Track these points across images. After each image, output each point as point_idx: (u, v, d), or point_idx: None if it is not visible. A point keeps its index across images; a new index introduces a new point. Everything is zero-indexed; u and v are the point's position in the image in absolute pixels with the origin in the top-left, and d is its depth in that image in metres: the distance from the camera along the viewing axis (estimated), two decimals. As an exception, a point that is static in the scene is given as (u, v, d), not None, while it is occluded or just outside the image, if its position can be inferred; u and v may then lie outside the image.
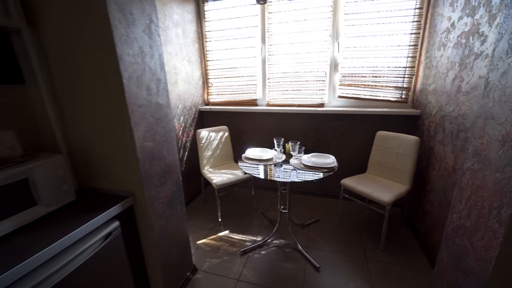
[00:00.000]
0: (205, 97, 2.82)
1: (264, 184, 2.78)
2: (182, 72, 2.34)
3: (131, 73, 1.03)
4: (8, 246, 0.82)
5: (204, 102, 2.81)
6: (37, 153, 1.05)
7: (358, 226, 2.11)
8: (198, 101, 2.69)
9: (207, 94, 2.82)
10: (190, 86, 2.50)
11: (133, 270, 1.21)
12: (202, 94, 2.75)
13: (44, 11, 0.99)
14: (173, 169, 1.36)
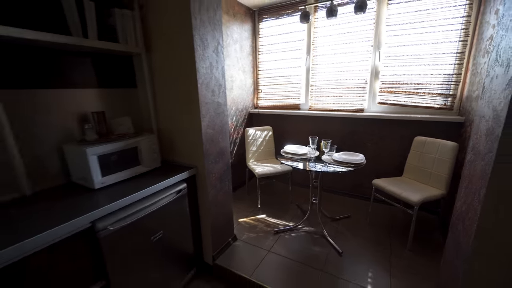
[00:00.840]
0: (255, 101, 3.25)
1: (300, 181, 3.03)
2: (237, 80, 2.83)
3: (203, 80, 1.49)
4: (125, 186, 1.34)
5: (254, 105, 3.25)
6: (142, 132, 1.60)
7: (388, 227, 2.18)
8: (249, 104, 3.14)
9: (257, 99, 3.26)
10: (243, 91, 2.97)
11: (192, 222, 1.66)
12: (252, 98, 3.20)
13: (156, 43, 1.54)
14: (225, 153, 1.78)
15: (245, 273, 1.65)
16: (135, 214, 1.24)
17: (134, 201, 1.25)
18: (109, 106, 1.58)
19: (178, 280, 1.60)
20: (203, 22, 1.43)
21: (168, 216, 1.46)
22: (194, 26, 1.37)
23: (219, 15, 1.57)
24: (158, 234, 1.40)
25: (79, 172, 1.31)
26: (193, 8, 1.35)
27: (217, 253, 1.81)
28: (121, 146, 1.36)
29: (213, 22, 1.52)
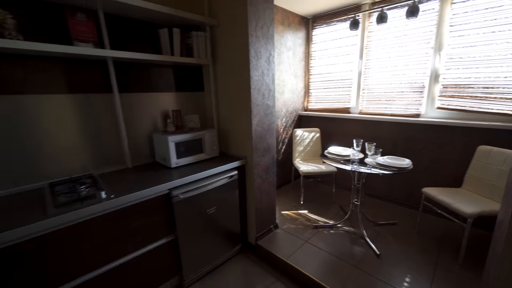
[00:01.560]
0: (305, 104, 3.41)
1: (344, 183, 3.04)
2: (289, 84, 3.06)
3: (255, 86, 1.79)
4: (192, 167, 1.73)
5: (304, 108, 3.41)
6: (206, 127, 2.00)
7: (437, 238, 2.05)
8: (299, 107, 3.32)
9: (307, 102, 3.41)
10: (294, 95, 3.17)
11: (240, 205, 1.97)
12: (302, 101, 3.37)
13: (220, 56, 1.92)
14: (271, 148, 2.04)
15: (282, 256, 1.86)
16: (197, 189, 1.62)
17: (197, 179, 1.62)
18: (183, 105, 2.04)
19: (226, 249, 1.93)
20: (257, 38, 1.73)
21: (221, 195, 1.80)
22: (250, 42, 1.68)
23: (272, 30, 1.83)
24: (212, 209, 1.75)
25: (161, 154, 1.77)
26: (250, 29, 1.65)
27: (259, 235, 2.07)
28: (191, 137, 1.77)
29: (266, 37, 1.79)
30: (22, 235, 1.01)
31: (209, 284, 1.73)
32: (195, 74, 2.09)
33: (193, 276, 1.72)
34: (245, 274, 1.83)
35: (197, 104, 2.14)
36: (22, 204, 1.22)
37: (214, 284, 1.73)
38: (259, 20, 1.71)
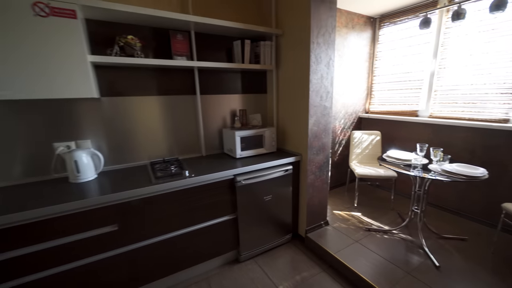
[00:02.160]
0: (366, 106, 3.32)
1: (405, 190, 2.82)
2: (350, 85, 3.05)
3: (314, 88, 1.93)
4: (253, 159, 2.00)
5: (365, 110, 3.32)
6: (266, 125, 2.25)
7: (524, 265, 1.77)
8: (359, 109, 3.26)
9: (369, 104, 3.31)
10: (354, 96, 3.14)
11: (293, 198, 2.15)
12: (364, 103, 3.29)
13: (282, 62, 2.14)
14: (326, 147, 2.14)
15: (330, 250, 1.96)
16: (256, 178, 1.87)
17: (257, 169, 1.88)
18: (248, 105, 2.34)
19: (277, 236, 2.14)
20: (318, 44, 1.87)
21: (276, 186, 2.01)
22: (311, 48, 1.83)
23: (333, 36, 1.94)
24: (268, 197, 1.98)
25: (229, 146, 2.10)
26: (312, 37, 1.81)
27: (309, 229, 2.20)
28: (253, 133, 2.05)
29: (327, 42, 1.92)
30: (136, 195, 1.44)
31: (260, 263, 1.98)
32: (260, 78, 2.37)
33: (248, 253, 2.00)
34: (293, 261, 2.00)
35: (260, 105, 2.42)
36: (134, 175, 1.71)
37: (265, 263, 1.96)
38: (321, 28, 1.85)
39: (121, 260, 1.49)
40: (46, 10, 1.22)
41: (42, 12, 1.21)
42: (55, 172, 1.65)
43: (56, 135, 1.64)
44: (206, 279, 1.82)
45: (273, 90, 2.27)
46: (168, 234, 1.62)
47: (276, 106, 2.31)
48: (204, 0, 1.95)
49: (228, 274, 1.86)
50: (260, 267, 1.93)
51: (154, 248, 1.58)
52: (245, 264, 1.97)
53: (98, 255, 1.42)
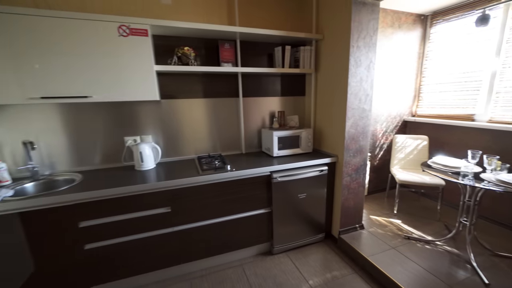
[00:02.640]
0: (413, 109, 3.13)
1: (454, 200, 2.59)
2: (393, 87, 2.92)
3: (352, 91, 1.95)
4: (289, 158, 2.11)
5: (411, 113, 3.14)
6: (303, 127, 2.34)
7: None
8: (405, 111, 3.09)
9: (416, 106, 3.11)
10: (399, 99, 3.00)
11: (327, 198, 2.19)
12: (410, 106, 3.11)
13: (321, 65, 2.20)
14: (363, 151, 2.13)
15: (364, 253, 1.95)
16: (291, 176, 1.98)
17: (293, 168, 1.99)
18: (287, 107, 2.46)
19: (310, 234, 2.21)
20: (359, 48, 1.89)
21: (311, 185, 2.09)
22: (351, 52, 1.87)
23: (375, 38, 1.94)
24: (302, 195, 2.07)
25: (266, 145, 2.25)
26: (352, 40, 1.84)
27: (343, 230, 2.22)
28: (290, 133, 2.16)
29: (368, 45, 1.92)
30: (186, 183, 1.69)
31: (292, 257, 2.07)
32: (299, 81, 2.46)
33: (280, 246, 2.11)
34: (325, 259, 2.05)
35: (298, 106, 2.51)
36: (184, 167, 1.97)
37: (296, 258, 2.06)
38: (361, 32, 1.87)
39: (173, 237, 1.75)
40: (127, 31, 1.54)
41: (124, 32, 1.54)
42: (124, 161, 2.01)
43: (126, 130, 2.00)
44: (241, 265, 2.00)
45: (312, 92, 2.34)
46: (210, 220, 1.84)
47: (314, 108, 2.38)
48: (249, 11, 2.14)
49: (261, 264, 2.01)
50: (291, 261, 2.03)
51: (199, 231, 1.82)
52: (277, 256, 2.09)
53: (155, 231, 1.70)
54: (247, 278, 1.86)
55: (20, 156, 1.76)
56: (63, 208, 1.46)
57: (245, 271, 1.93)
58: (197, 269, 1.95)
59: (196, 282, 1.83)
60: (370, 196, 3.03)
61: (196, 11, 1.99)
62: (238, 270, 1.94)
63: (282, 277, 1.86)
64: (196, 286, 1.79)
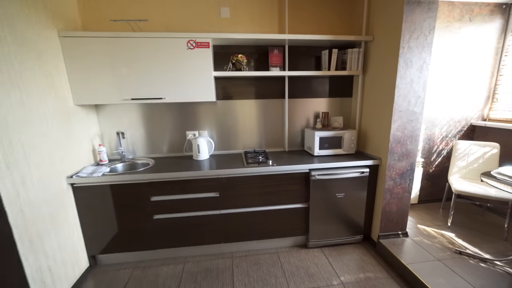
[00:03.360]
0: (484, 112, 2.75)
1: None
2: (457, 88, 2.63)
3: (401, 93, 1.90)
4: (329, 157, 2.18)
5: (482, 117, 2.76)
6: (347, 128, 2.36)
7: None
8: (473, 115, 2.75)
9: (489, 109, 2.73)
10: (466, 100, 2.68)
11: (367, 200, 2.18)
12: (481, 108, 2.75)
13: (369, 67, 2.18)
14: (411, 155, 2.04)
15: (403, 260, 1.90)
16: (330, 175, 2.06)
17: (332, 167, 2.06)
18: (331, 108, 2.51)
19: (347, 234, 2.24)
20: (410, 48, 1.82)
21: (350, 186, 2.12)
22: (401, 53, 1.82)
23: (430, 38, 1.83)
24: (341, 194, 2.12)
25: (308, 144, 2.36)
26: (402, 41, 1.80)
27: (383, 235, 2.17)
28: (333, 134, 2.22)
29: (421, 45, 1.83)
30: (233, 173, 1.95)
31: (326, 253, 2.16)
32: (346, 82, 2.47)
33: (316, 241, 2.22)
34: (360, 260, 2.07)
35: (344, 108, 2.53)
36: (232, 159, 2.25)
37: (331, 255, 2.13)
38: (414, 32, 1.80)
39: (219, 219, 2.06)
40: (194, 44, 1.88)
41: (191, 46, 1.88)
42: (185, 151, 2.42)
43: (187, 126, 2.39)
44: (276, 253, 2.19)
45: (358, 94, 2.33)
46: (252, 208, 2.07)
47: (360, 110, 2.37)
48: (298, 17, 2.26)
49: (296, 254, 2.16)
50: (325, 257, 2.12)
51: (241, 216, 2.07)
52: (312, 250, 2.21)
53: (206, 211, 2.03)
54: (281, 264, 2.04)
55: (113, 143, 2.31)
56: (140, 184, 1.89)
57: (280, 258, 2.12)
58: (237, 250, 2.22)
59: (236, 261, 2.10)
60: (422, 205, 2.82)
61: (251, 22, 2.22)
62: (273, 257, 2.14)
63: (314, 269, 1.98)
64: (236, 263, 2.06)
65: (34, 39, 1.56)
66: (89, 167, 1.99)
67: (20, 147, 1.40)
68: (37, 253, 1.48)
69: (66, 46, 1.79)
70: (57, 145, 1.71)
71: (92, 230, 1.94)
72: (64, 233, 1.74)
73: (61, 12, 1.81)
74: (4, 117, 1.32)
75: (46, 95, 1.63)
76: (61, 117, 1.77)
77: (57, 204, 1.68)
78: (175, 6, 2.12)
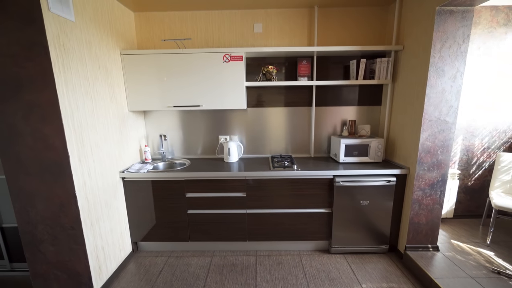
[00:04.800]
0: (536, 123, 2.51)
1: None
2: (501, 95, 2.46)
3: (431, 102, 1.88)
4: (354, 165, 2.20)
5: (532, 128, 2.53)
6: (374, 136, 2.36)
7: None
8: (521, 126, 2.53)
9: (541, 120, 2.49)
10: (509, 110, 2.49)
11: (393, 209, 2.15)
12: (532, 119, 2.52)
13: (399, 76, 2.18)
14: (443, 165, 1.98)
15: (431, 274, 1.84)
16: (355, 182, 2.09)
17: (356, 174, 2.09)
18: (359, 116, 2.53)
19: (372, 243, 2.22)
20: (441, 57, 1.80)
21: (376, 194, 2.12)
22: (431, 62, 1.81)
23: (464, 47, 1.79)
24: (365, 202, 2.13)
25: (334, 151, 2.41)
26: (433, 51, 1.79)
27: (411, 247, 2.11)
28: (359, 142, 2.25)
29: (454, 54, 1.80)
30: (259, 175, 2.10)
31: (349, 260, 2.17)
32: (375, 91, 2.48)
33: (338, 247, 2.24)
34: (384, 270, 2.04)
35: (371, 116, 2.53)
36: (259, 163, 2.40)
37: (353, 262, 2.14)
38: (446, 41, 1.78)
39: (245, 218, 2.21)
40: (229, 58, 2.09)
41: (226, 59, 2.10)
42: (217, 154, 2.64)
43: (219, 130, 2.61)
44: (298, 255, 2.26)
45: (387, 102, 2.33)
46: (276, 209, 2.19)
47: (388, 118, 2.35)
48: (327, 29, 2.36)
49: (318, 258, 2.21)
50: (348, 263, 2.13)
51: (266, 217, 2.20)
52: (334, 256, 2.24)
53: (234, 209, 2.20)
54: (302, 266, 2.11)
55: (156, 144, 2.63)
56: (178, 181, 2.14)
57: (301, 260, 2.19)
58: (261, 248, 2.35)
59: (260, 259, 2.23)
60: (458, 220, 2.65)
61: (281, 36, 2.38)
62: (295, 258, 2.22)
63: (335, 273, 2.01)
64: (260, 261, 2.19)
65: (104, 58, 1.91)
66: (136, 164, 2.30)
67: (89, 146, 1.73)
68: (95, 234, 1.79)
69: (125, 63, 2.14)
70: (114, 144, 2.03)
71: (136, 219, 2.24)
72: (115, 220, 2.04)
73: (123, 34, 2.17)
74: (80, 121, 1.65)
75: (109, 103, 1.97)
76: (118, 121, 2.10)
77: (111, 194, 1.99)
78: (215, 25, 2.38)
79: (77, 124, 1.62)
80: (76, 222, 1.64)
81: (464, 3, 1.67)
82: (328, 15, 2.34)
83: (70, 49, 1.58)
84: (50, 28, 1.43)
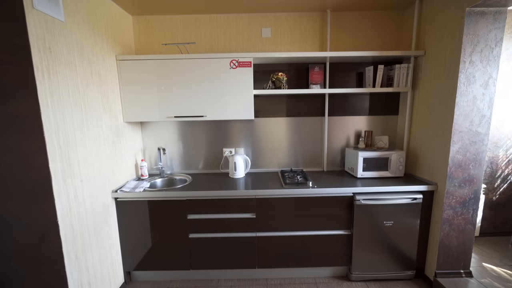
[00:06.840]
0: (562, 133, 2.36)
1: None
2: (527, 105, 2.31)
3: (461, 111, 1.70)
4: (374, 181, 1.99)
5: (558, 138, 2.37)
6: (394, 148, 2.17)
7: None
8: (546, 136, 2.37)
9: None
10: (536, 119, 2.34)
11: (420, 230, 1.93)
12: (557, 129, 2.36)
13: (421, 83, 2.01)
14: (475, 181, 1.78)
15: (471, 307, 1.61)
16: (377, 200, 1.87)
17: (379, 192, 1.87)
18: (375, 126, 2.35)
19: (396, 269, 1.98)
20: (472, 63, 1.64)
21: (400, 213, 1.90)
22: (461, 68, 1.65)
23: (497, 51, 1.64)
24: (389, 223, 1.91)
25: (350, 165, 2.20)
26: (463, 55, 1.63)
27: (441, 273, 1.88)
28: (378, 155, 2.05)
29: (486, 59, 1.64)
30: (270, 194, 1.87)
31: (374, 289, 1.92)
32: (392, 99, 2.30)
33: (359, 274, 1.99)
34: (416, 301, 1.80)
35: (389, 126, 2.35)
36: (268, 179, 2.18)
37: (380, 291, 1.89)
38: (477, 45, 1.62)
39: (255, 242, 1.96)
40: (236, 64, 1.91)
41: (234, 65, 1.91)
42: (221, 168, 2.41)
43: (224, 143, 2.39)
44: (315, 283, 2.01)
45: (407, 112, 2.15)
46: (289, 232, 1.95)
47: (409, 129, 2.17)
48: (341, 33, 2.20)
49: (336, 287, 1.95)
50: (372, 293, 1.89)
51: (278, 240, 1.95)
52: (354, 284, 1.99)
53: (241, 233, 1.94)
54: (322, 297, 1.86)
55: (153, 158, 2.39)
56: (179, 201, 1.89)
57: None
58: (272, 276, 2.08)
59: (272, 288, 1.96)
60: (484, 238, 2.43)
61: (291, 40, 2.22)
62: (311, 287, 1.96)
63: (360, 306, 1.76)
64: (273, 291, 1.92)
65: (98, 64, 1.70)
66: (131, 181, 2.06)
67: (76, 163, 1.48)
68: (81, 268, 1.52)
69: (121, 69, 1.93)
70: (106, 159, 1.79)
71: (130, 245, 1.97)
72: (105, 247, 1.77)
73: (119, 38, 1.97)
74: (67, 134, 1.41)
75: (102, 113, 1.74)
76: (112, 133, 1.87)
77: (102, 217, 1.73)
78: (220, 30, 2.20)
79: (62, 138, 1.38)
80: (57, 256, 1.37)
81: (498, 3, 1.53)
82: (341, 19, 2.19)
83: (58, 52, 1.37)
84: (33, 27, 1.22)
